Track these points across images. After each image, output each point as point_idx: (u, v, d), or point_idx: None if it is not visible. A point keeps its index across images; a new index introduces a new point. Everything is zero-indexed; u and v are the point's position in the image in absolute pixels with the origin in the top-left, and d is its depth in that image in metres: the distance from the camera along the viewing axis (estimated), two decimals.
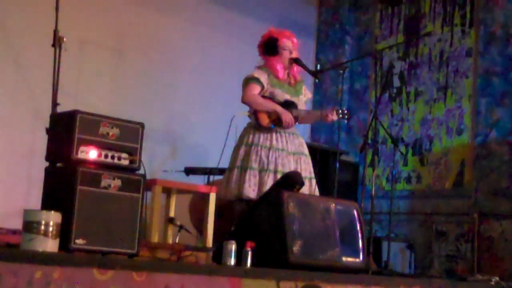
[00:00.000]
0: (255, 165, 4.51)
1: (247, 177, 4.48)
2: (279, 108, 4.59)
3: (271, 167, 4.50)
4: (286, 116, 4.58)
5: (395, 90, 7.68)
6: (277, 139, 4.61)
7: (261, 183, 4.46)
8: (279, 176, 4.44)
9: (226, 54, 7.05)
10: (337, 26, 8.25)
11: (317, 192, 4.66)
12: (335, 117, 4.68)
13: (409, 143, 7.44)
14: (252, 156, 4.52)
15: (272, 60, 4.70)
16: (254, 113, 4.62)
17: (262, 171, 4.49)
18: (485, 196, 6.75)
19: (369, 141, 5.74)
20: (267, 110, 4.59)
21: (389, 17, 7.92)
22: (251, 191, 4.45)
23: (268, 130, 4.60)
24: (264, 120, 4.59)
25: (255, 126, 4.63)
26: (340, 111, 4.73)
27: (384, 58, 7.72)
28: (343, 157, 6.88)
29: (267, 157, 4.52)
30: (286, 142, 4.63)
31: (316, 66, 7.41)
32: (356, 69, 8.10)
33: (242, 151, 4.58)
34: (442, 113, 7.25)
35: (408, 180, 7.37)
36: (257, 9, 7.41)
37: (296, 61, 4.74)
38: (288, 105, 4.67)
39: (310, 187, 4.65)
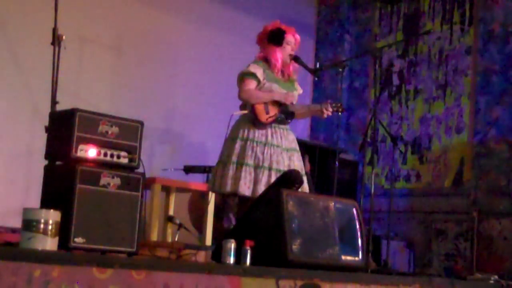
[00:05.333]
0: (250, 161, 4.48)
1: (243, 174, 4.46)
2: (277, 95, 4.61)
3: (266, 164, 4.49)
4: (286, 97, 4.61)
5: (394, 88, 7.68)
6: (272, 135, 4.59)
7: (256, 181, 4.45)
8: (273, 173, 4.44)
9: (226, 52, 7.04)
10: (336, 24, 8.24)
11: (307, 189, 4.63)
12: (329, 112, 4.69)
13: (409, 142, 7.44)
14: (248, 152, 4.50)
15: (276, 49, 4.69)
16: (252, 110, 4.60)
17: (257, 168, 4.48)
18: (484, 194, 6.75)
19: (369, 140, 5.75)
20: (266, 100, 4.58)
21: (388, 15, 7.92)
22: (246, 188, 4.44)
23: (265, 126, 4.59)
24: (263, 116, 4.58)
25: (252, 121, 4.60)
26: (334, 104, 4.74)
27: (384, 56, 7.72)
28: (343, 156, 6.88)
29: (263, 154, 4.50)
30: (281, 138, 4.62)
31: (315, 64, 7.40)
32: (356, 68, 8.09)
33: (237, 145, 4.53)
34: (441, 111, 7.25)
35: (408, 178, 7.37)
36: (256, 7, 7.41)
37: (296, 59, 4.74)
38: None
39: None
